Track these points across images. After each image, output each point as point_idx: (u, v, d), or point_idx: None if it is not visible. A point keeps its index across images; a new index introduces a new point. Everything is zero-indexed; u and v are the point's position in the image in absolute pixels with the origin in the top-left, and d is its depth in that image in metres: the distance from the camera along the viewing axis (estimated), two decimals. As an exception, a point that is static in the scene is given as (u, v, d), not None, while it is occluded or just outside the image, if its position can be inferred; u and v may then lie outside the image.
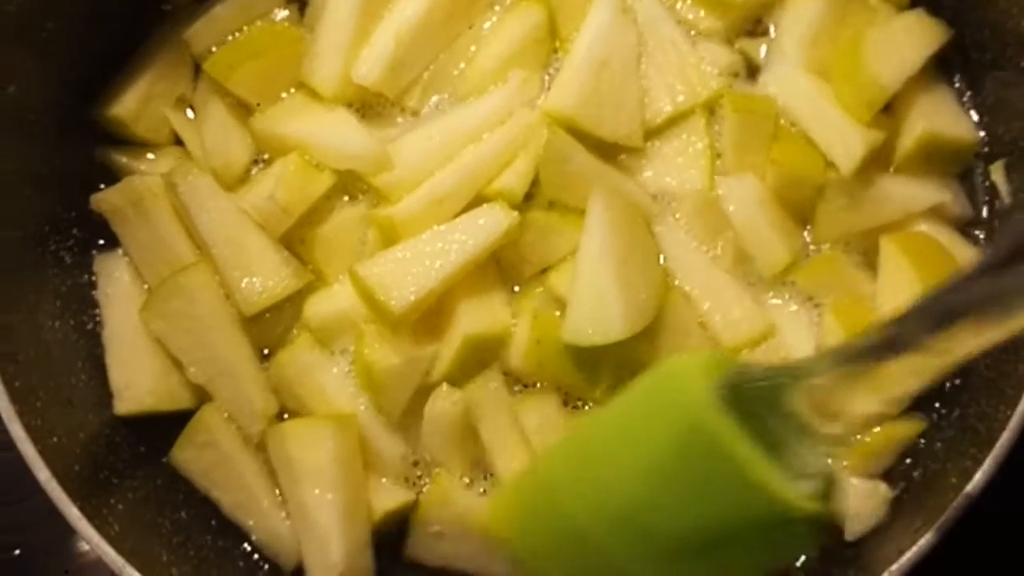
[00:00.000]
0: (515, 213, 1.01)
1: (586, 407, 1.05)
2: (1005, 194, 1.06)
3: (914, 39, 1.07)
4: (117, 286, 1.10)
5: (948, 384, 1.05)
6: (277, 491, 1.07)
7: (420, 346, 1.03)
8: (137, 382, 1.07)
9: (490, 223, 1.01)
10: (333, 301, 1.06)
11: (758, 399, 0.73)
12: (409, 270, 1.00)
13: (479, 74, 1.09)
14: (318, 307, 1.06)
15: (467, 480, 1.05)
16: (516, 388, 1.06)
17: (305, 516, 1.03)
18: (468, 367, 1.03)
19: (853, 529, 1.02)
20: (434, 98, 1.11)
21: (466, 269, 1.01)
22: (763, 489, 0.70)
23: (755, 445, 0.71)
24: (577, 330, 0.99)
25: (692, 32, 1.11)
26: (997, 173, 1.07)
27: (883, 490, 1.03)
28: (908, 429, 1.04)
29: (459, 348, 1.01)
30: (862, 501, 1.02)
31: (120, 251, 1.11)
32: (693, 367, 0.75)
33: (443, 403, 1.03)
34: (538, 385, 1.05)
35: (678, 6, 1.12)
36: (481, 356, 1.03)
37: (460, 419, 1.03)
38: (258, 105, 1.10)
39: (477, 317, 1.02)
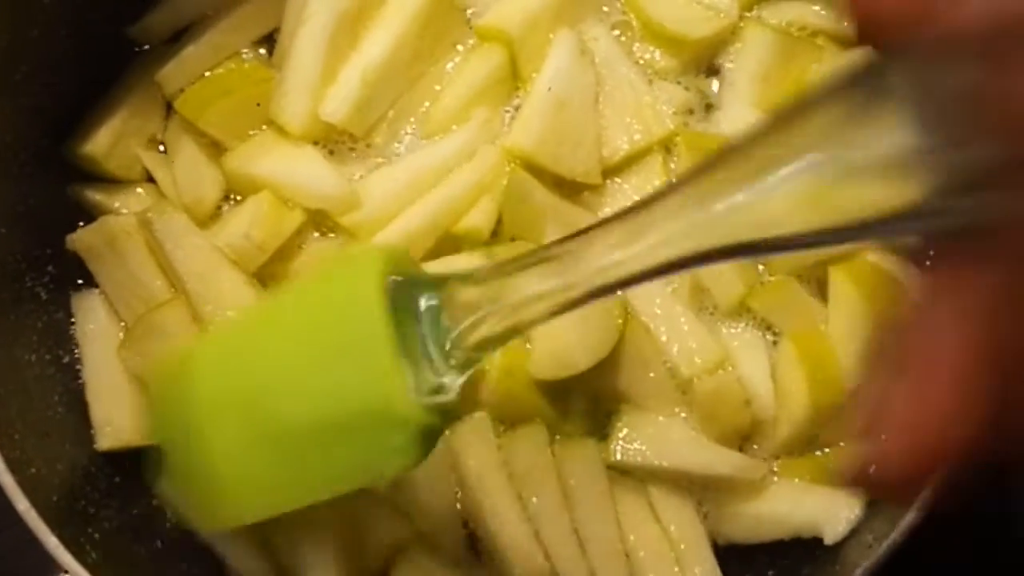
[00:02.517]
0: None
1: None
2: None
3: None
4: (95, 324, 1.15)
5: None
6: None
7: None
8: (117, 418, 1.12)
9: None
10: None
11: (414, 300, 0.78)
12: None
13: (443, 113, 1.15)
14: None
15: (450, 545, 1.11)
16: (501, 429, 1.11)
17: (298, 556, 1.09)
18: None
19: (833, 533, 1.08)
20: (401, 136, 1.16)
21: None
22: (384, 384, 0.76)
23: (395, 340, 0.75)
24: (541, 364, 1.07)
25: (649, 71, 1.17)
26: (947, 201, 1.12)
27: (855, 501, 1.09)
28: (861, 450, 1.10)
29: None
30: (838, 506, 1.09)
31: (97, 289, 1.16)
32: (373, 254, 0.80)
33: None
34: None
35: (635, 47, 1.18)
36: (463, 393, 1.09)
37: (442, 457, 1.09)
38: (228, 135, 1.14)
39: None
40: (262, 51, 1.20)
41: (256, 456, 0.82)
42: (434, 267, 1.07)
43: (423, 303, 0.78)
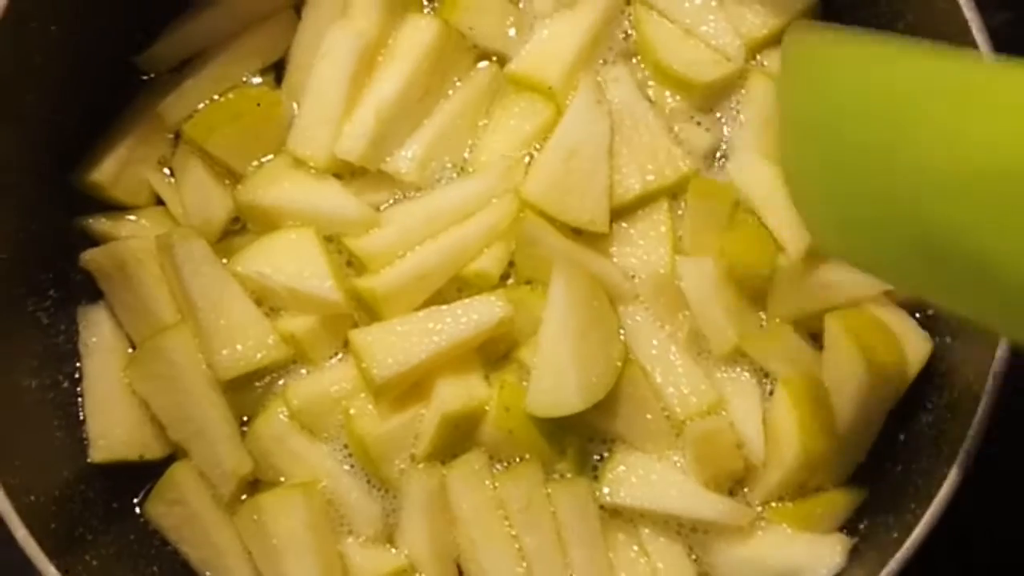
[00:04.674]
0: (510, 306, 1.12)
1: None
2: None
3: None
4: (98, 338, 1.19)
5: (895, 440, 1.15)
6: (243, 550, 1.15)
7: (405, 413, 1.14)
8: (112, 432, 1.17)
9: (485, 312, 1.12)
10: (314, 382, 1.16)
11: None
12: (398, 344, 1.11)
13: (480, 162, 1.19)
14: (299, 388, 1.16)
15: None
16: (497, 468, 1.16)
17: None
18: (450, 442, 1.14)
19: None
20: (441, 180, 1.20)
21: (453, 352, 1.12)
22: None
23: None
24: (538, 402, 1.11)
25: (667, 111, 1.20)
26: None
27: (841, 541, 1.13)
28: (850, 498, 1.15)
29: (438, 425, 1.12)
30: (821, 553, 1.13)
31: (102, 303, 1.20)
32: None
33: (421, 479, 1.13)
34: (518, 460, 1.15)
35: (650, 86, 1.21)
36: (461, 431, 1.14)
37: (437, 495, 1.14)
38: (235, 158, 1.19)
39: (454, 394, 1.13)
40: (258, 79, 1.23)
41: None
42: (466, 305, 1.12)
43: None
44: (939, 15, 1.04)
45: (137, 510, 1.17)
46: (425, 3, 1.23)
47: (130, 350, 1.19)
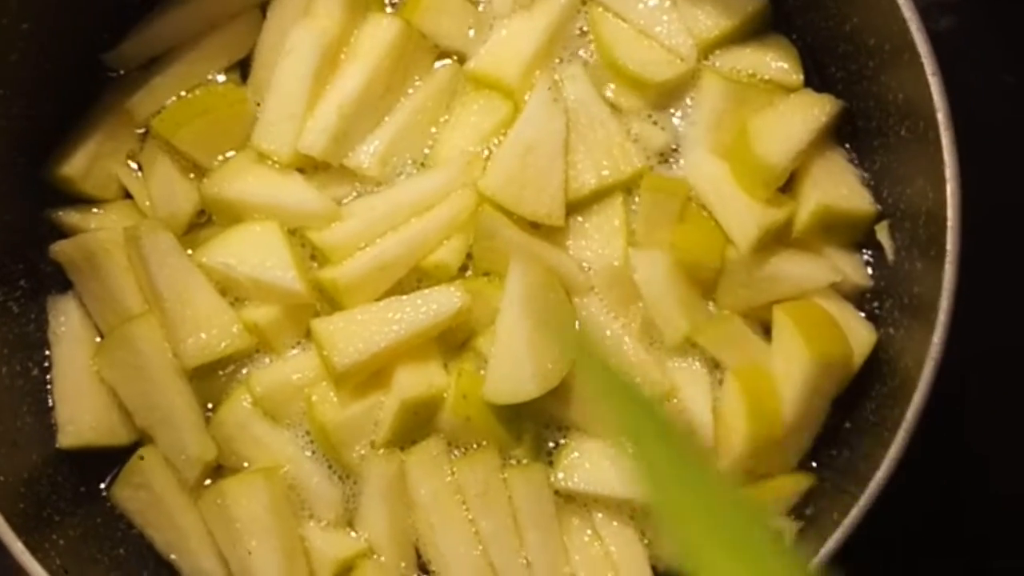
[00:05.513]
0: (468, 296, 1.15)
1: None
2: (889, 252, 1.19)
3: (800, 116, 1.19)
4: (67, 327, 1.23)
5: (840, 427, 1.19)
6: (207, 533, 1.19)
7: (365, 400, 1.18)
8: (80, 418, 1.20)
9: (443, 302, 1.15)
10: (277, 370, 1.20)
11: None
12: (359, 332, 1.14)
13: (440, 157, 1.23)
14: (262, 375, 1.20)
15: (402, 565, 1.19)
16: (454, 454, 1.20)
17: (249, 571, 1.16)
18: (409, 429, 1.18)
19: None
20: (401, 176, 1.24)
21: (412, 341, 1.15)
22: None
23: None
24: (495, 389, 1.14)
25: (623, 109, 1.24)
26: (882, 233, 1.19)
27: (788, 525, 1.17)
28: (796, 484, 1.19)
29: (397, 412, 1.16)
30: None
31: (71, 293, 1.23)
32: None
33: (380, 464, 1.17)
34: (476, 446, 1.19)
35: (609, 84, 1.25)
36: (420, 418, 1.18)
37: (397, 480, 1.18)
38: (202, 153, 1.22)
39: (414, 381, 1.16)
40: (223, 77, 1.27)
41: None
42: (425, 295, 1.16)
43: None
44: (881, 18, 1.09)
45: (104, 494, 1.21)
46: (387, 3, 1.27)
47: (98, 339, 1.22)
